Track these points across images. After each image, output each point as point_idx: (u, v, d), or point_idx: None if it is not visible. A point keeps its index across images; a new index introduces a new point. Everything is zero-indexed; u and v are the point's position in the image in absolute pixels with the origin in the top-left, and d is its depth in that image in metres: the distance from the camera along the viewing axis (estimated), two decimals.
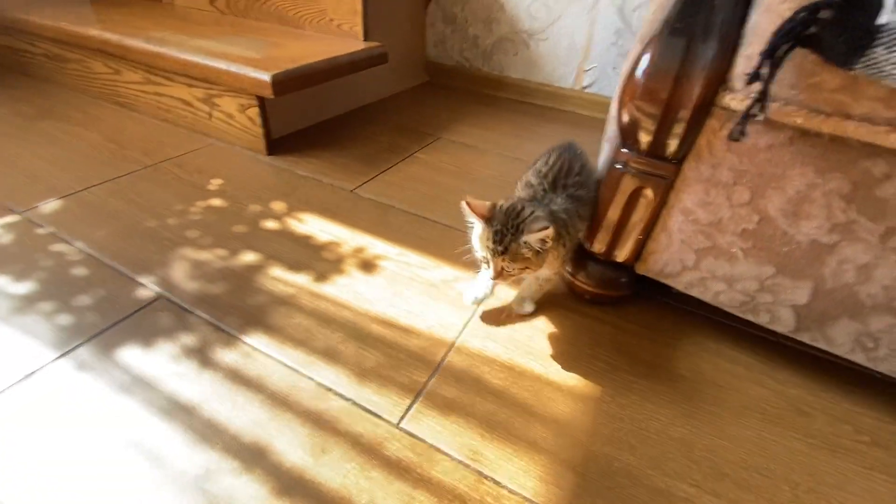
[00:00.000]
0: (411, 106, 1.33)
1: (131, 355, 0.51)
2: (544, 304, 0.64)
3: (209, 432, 0.44)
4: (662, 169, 0.51)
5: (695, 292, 0.57)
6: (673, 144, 0.49)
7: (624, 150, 0.53)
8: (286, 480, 0.41)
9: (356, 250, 0.71)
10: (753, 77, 0.39)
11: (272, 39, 1.05)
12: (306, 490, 0.41)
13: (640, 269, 0.60)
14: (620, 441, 0.47)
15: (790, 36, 0.36)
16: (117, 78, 1.08)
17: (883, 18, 0.32)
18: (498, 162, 1.04)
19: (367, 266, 0.68)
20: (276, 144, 1.00)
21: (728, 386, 0.55)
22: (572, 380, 0.54)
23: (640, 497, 0.43)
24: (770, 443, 0.49)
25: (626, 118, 0.50)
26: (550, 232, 0.46)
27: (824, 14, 0.35)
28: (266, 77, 0.82)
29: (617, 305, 0.65)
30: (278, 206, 0.80)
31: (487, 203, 0.50)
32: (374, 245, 0.73)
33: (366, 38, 1.11)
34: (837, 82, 0.38)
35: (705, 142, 0.48)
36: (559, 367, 0.55)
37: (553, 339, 0.59)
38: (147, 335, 0.54)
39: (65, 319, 0.55)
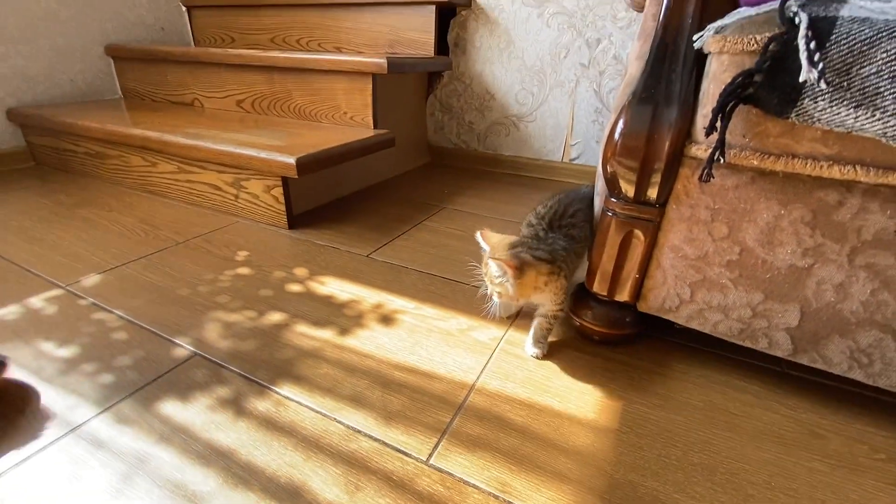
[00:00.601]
0: (416, 183, 1.45)
1: (170, 408, 0.54)
2: (556, 348, 0.67)
3: (247, 475, 0.46)
4: (647, 213, 0.58)
5: (695, 325, 0.61)
6: (654, 191, 0.57)
7: (612, 199, 0.60)
8: None
9: (375, 306, 0.76)
10: (710, 130, 0.48)
11: (293, 131, 1.19)
12: None
13: (642, 307, 0.65)
14: (643, 468, 0.49)
15: (733, 96, 0.45)
16: (152, 170, 1.21)
17: (802, 77, 0.40)
18: (499, 226, 1.12)
19: (387, 320, 0.73)
20: (297, 220, 1.09)
21: (741, 413, 0.57)
22: (591, 414, 0.56)
23: None
24: (790, 464, 0.50)
25: (610, 172, 0.58)
26: (501, 266, 0.57)
27: (757, 77, 0.44)
28: (291, 160, 0.93)
29: (625, 345, 0.68)
30: (300, 271, 0.87)
31: (496, 235, 0.63)
32: (392, 301, 0.78)
33: (375, 127, 1.25)
34: (779, 129, 0.46)
35: (681, 186, 0.55)
36: (576, 403, 0.57)
37: (568, 377, 0.62)
38: (184, 389, 0.57)
39: (106, 378, 0.58)
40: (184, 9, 1.84)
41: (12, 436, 0.50)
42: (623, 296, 0.64)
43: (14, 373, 0.57)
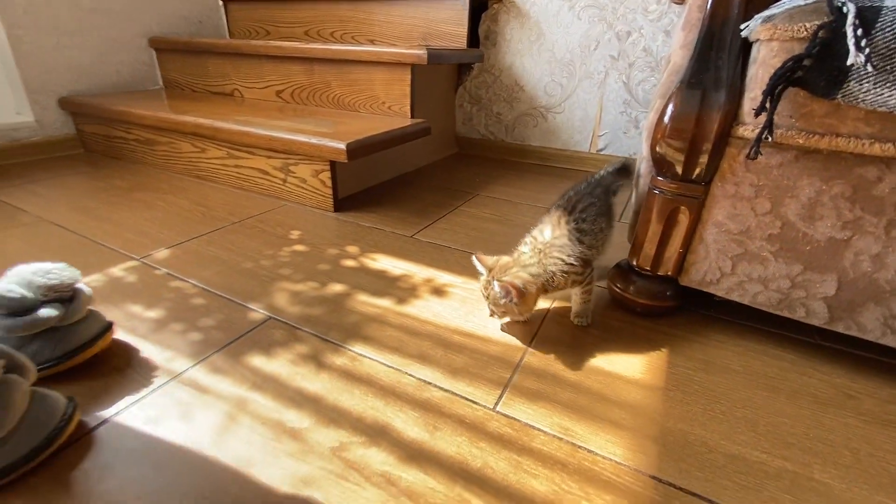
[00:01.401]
0: (447, 172, 1.50)
1: (257, 361, 0.60)
2: (599, 318, 0.72)
3: (336, 416, 0.52)
4: (693, 190, 0.63)
5: (735, 296, 0.66)
6: (700, 170, 0.61)
7: (660, 178, 0.65)
8: (409, 451, 0.48)
9: (426, 280, 0.81)
10: (759, 111, 0.52)
11: (335, 119, 1.25)
12: (428, 457, 0.47)
13: (684, 280, 0.69)
14: (691, 420, 0.53)
15: (782, 79, 0.50)
16: (202, 155, 1.27)
17: (850, 61, 0.45)
18: (531, 211, 1.17)
19: (439, 292, 0.78)
20: (340, 204, 1.15)
21: (778, 377, 0.61)
22: (637, 374, 0.61)
23: (717, 461, 0.48)
24: (826, 419, 0.54)
25: (659, 153, 0.63)
26: (508, 287, 0.59)
27: (806, 62, 0.48)
28: (342, 146, 0.99)
29: (665, 317, 0.73)
30: (352, 249, 0.92)
31: (491, 258, 0.66)
32: (440, 276, 0.83)
33: (412, 117, 1.30)
34: (825, 110, 0.50)
35: (727, 165, 0.60)
36: (623, 365, 0.62)
37: (613, 343, 0.67)
38: (266, 346, 0.63)
39: (195, 336, 0.64)
40: (220, 2, 1.91)
41: (124, 384, 0.56)
42: (666, 270, 0.69)
43: (116, 332, 0.64)
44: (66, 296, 0.56)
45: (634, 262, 0.71)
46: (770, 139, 0.52)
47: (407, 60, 1.22)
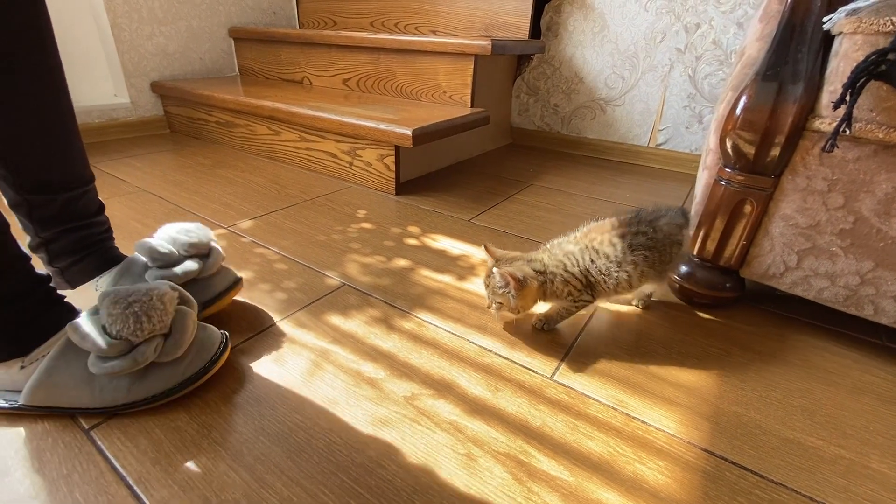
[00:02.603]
0: (501, 161, 1.54)
1: (335, 320, 0.67)
2: (656, 307, 0.74)
3: (407, 371, 0.58)
4: (762, 182, 0.63)
5: (798, 291, 0.66)
6: (771, 162, 0.61)
7: (727, 169, 0.65)
8: (473, 405, 0.53)
9: (483, 261, 0.86)
10: (839, 103, 0.52)
11: (399, 107, 1.31)
12: (491, 413, 0.52)
13: (745, 273, 0.70)
14: (746, 404, 0.55)
15: (865, 73, 0.50)
16: (276, 138, 1.37)
17: None
18: (586, 202, 1.18)
19: None
20: (401, 187, 1.21)
21: (839, 372, 0.61)
22: (693, 359, 0.62)
23: (772, 442, 0.50)
24: (887, 416, 0.54)
25: (729, 144, 0.64)
26: (507, 276, 0.58)
27: (891, 56, 0.48)
28: (408, 132, 1.05)
29: (724, 309, 0.74)
30: (413, 229, 0.98)
31: (501, 250, 0.66)
32: None
33: (472, 106, 1.34)
34: None
35: (800, 158, 0.60)
36: (679, 350, 0.64)
37: (669, 330, 0.68)
38: (342, 308, 0.70)
39: (280, 296, 0.72)
40: None
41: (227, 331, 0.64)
42: (727, 262, 0.69)
43: None
44: (203, 252, 0.65)
45: (695, 253, 0.72)
46: (848, 132, 0.52)
47: (471, 51, 1.26)
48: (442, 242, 0.93)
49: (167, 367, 0.51)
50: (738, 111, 0.62)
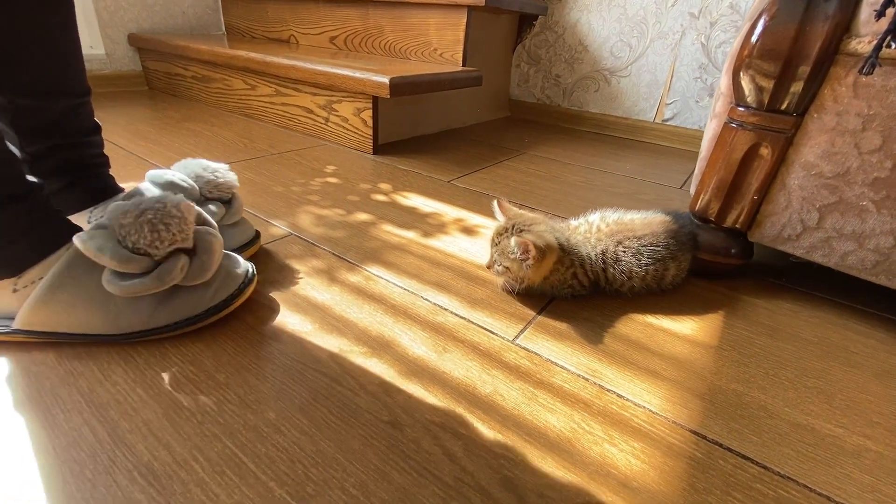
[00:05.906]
0: (496, 131, 1.43)
1: (268, 270, 0.57)
2: None
3: (340, 325, 0.48)
4: (782, 122, 0.52)
5: (817, 256, 0.55)
6: (793, 97, 0.51)
7: (740, 108, 0.55)
8: (412, 367, 0.43)
9: (456, 220, 0.76)
10: (883, 9, 0.41)
11: (385, 63, 1.20)
12: (432, 376, 0.42)
13: (754, 236, 0.59)
14: (749, 382, 0.45)
15: None
16: (252, 93, 1.28)
17: None
18: (583, 172, 1.08)
19: (468, 231, 0.72)
20: (380, 148, 1.11)
21: (862, 353, 0.51)
22: (686, 330, 0.52)
23: (780, 427, 0.40)
24: None
25: (743, 77, 0.53)
26: (529, 245, 0.48)
27: None
28: (385, 80, 0.94)
29: (726, 278, 0.63)
30: (384, 186, 0.88)
31: (515, 208, 0.57)
32: (472, 217, 0.77)
33: (464, 65, 1.24)
34: None
35: (829, 91, 0.49)
36: (671, 319, 0.54)
37: (661, 299, 0.58)
38: (282, 258, 0.60)
39: None
40: None
41: None
42: (734, 221, 0.59)
43: None
44: (225, 196, 0.56)
45: (695, 210, 0.62)
46: (893, 46, 0.42)
47: (463, 2, 1.15)
48: (413, 200, 0.83)
49: (194, 291, 0.44)
50: (754, 37, 0.51)
